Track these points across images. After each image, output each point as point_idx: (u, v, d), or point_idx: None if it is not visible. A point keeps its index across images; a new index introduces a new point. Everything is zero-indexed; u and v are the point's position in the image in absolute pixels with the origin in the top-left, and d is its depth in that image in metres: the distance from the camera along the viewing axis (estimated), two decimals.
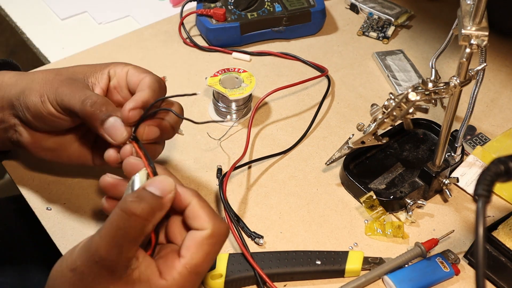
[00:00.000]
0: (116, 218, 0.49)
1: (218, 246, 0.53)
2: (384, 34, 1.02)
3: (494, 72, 0.96)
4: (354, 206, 0.77)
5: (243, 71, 0.86)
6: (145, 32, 1.01)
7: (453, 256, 0.70)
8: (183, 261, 0.51)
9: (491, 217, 0.75)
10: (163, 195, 0.51)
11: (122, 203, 0.49)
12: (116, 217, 0.49)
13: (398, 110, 0.65)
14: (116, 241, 0.49)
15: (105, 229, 0.49)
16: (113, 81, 0.64)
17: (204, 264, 0.52)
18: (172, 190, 0.52)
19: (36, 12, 1.05)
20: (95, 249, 0.49)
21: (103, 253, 0.49)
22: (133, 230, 0.49)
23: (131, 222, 0.49)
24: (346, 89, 0.93)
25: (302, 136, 0.84)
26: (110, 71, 0.64)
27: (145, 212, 0.49)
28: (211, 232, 0.52)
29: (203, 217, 0.52)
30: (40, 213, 0.74)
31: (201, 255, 0.51)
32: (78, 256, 0.51)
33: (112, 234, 0.49)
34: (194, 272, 0.51)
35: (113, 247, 0.49)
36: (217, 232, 0.52)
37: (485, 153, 0.81)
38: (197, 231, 0.52)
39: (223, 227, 0.53)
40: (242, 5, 0.98)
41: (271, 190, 0.78)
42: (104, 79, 0.63)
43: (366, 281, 0.68)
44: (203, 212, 0.52)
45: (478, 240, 0.44)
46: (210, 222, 0.52)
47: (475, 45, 0.63)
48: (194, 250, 0.51)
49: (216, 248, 0.53)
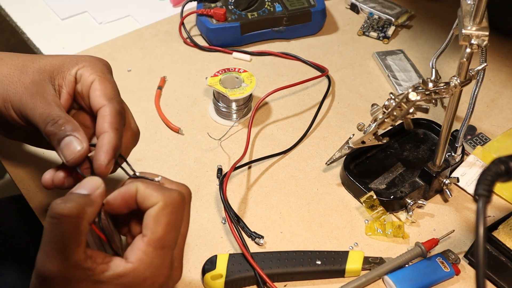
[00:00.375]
0: (48, 226, 0.48)
1: (177, 214, 0.52)
2: (385, 34, 1.02)
3: (494, 72, 0.96)
4: (354, 206, 0.77)
5: (243, 71, 0.86)
6: (146, 32, 1.01)
7: (454, 256, 0.70)
8: (145, 239, 0.50)
9: (492, 217, 0.75)
10: (90, 192, 0.51)
11: (49, 210, 0.48)
12: (48, 225, 0.48)
13: (398, 110, 0.65)
14: (55, 248, 0.48)
15: (42, 243, 0.48)
16: (78, 87, 0.60)
17: (168, 236, 0.51)
18: (100, 185, 0.51)
19: (36, 12, 1.05)
20: (41, 266, 0.48)
21: (50, 266, 0.48)
22: (68, 231, 0.48)
23: (62, 224, 0.48)
24: (346, 89, 0.93)
25: (303, 136, 0.84)
26: (78, 72, 0.59)
27: (74, 210, 0.48)
28: (163, 203, 0.51)
29: (150, 194, 0.51)
30: (40, 213, 0.74)
31: (161, 228, 0.51)
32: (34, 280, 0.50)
33: (49, 242, 0.48)
34: (159, 246, 0.51)
35: (55, 255, 0.48)
36: (170, 200, 0.51)
37: (485, 153, 0.81)
38: (150, 208, 0.51)
39: (174, 194, 0.52)
40: (243, 5, 0.98)
41: (271, 190, 0.78)
42: (70, 82, 0.59)
43: (366, 281, 0.68)
44: (149, 190, 0.52)
45: (479, 240, 0.44)
46: (159, 194, 0.51)
47: (476, 45, 0.63)
48: (152, 225, 0.50)
49: (175, 217, 0.52)
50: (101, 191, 0.52)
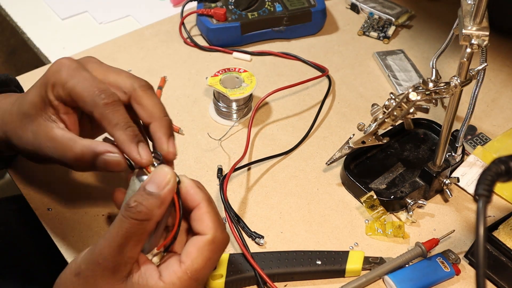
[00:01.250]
0: (119, 223, 0.51)
1: (219, 253, 0.53)
2: (385, 34, 1.02)
3: (494, 72, 0.96)
4: (354, 206, 0.77)
5: (243, 71, 0.86)
6: (146, 32, 1.01)
7: (454, 256, 0.70)
8: (183, 266, 0.52)
9: (492, 217, 0.75)
10: (160, 190, 0.51)
11: (123, 209, 0.51)
12: (119, 222, 0.51)
13: (398, 110, 0.65)
14: (118, 242, 0.50)
15: (109, 233, 0.51)
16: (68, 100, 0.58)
17: (205, 270, 0.52)
18: (170, 181, 0.52)
19: (36, 12, 1.05)
20: (99, 251, 0.51)
21: (106, 254, 0.50)
22: (135, 231, 0.50)
23: (132, 225, 0.50)
24: (346, 89, 0.93)
25: (304, 137, 0.84)
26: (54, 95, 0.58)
27: (144, 215, 0.50)
28: (212, 237, 0.52)
29: (207, 222, 0.53)
30: (41, 214, 0.74)
31: (201, 261, 0.52)
32: (82, 260, 0.52)
33: (115, 237, 0.50)
34: (194, 278, 0.52)
35: (116, 247, 0.50)
36: (219, 239, 0.53)
37: (485, 153, 0.81)
38: (199, 237, 0.53)
39: (225, 235, 0.53)
40: (243, 5, 0.98)
41: (271, 190, 0.78)
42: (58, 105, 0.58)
43: (366, 281, 0.68)
44: (208, 217, 0.53)
45: (479, 240, 0.44)
46: (213, 227, 0.53)
47: (476, 45, 0.62)
48: (194, 255, 0.52)
49: (216, 255, 0.53)
50: (170, 187, 0.52)
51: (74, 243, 0.71)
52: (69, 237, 0.72)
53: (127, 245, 0.50)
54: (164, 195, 0.52)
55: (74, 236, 0.72)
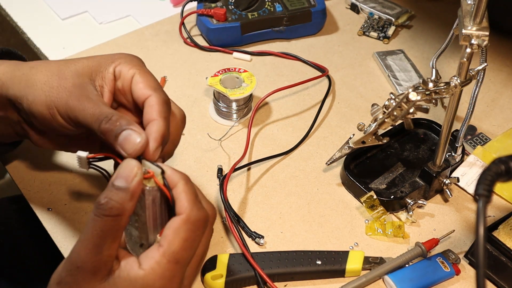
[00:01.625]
0: (91, 222, 0.50)
1: (197, 232, 0.52)
2: (385, 34, 1.02)
3: (494, 72, 0.96)
4: (354, 206, 0.77)
5: (243, 71, 0.86)
6: (146, 32, 1.01)
7: (454, 256, 0.70)
8: (161, 250, 0.51)
9: (492, 217, 0.75)
10: (128, 184, 0.50)
11: (94, 207, 0.50)
12: (91, 222, 0.50)
13: (398, 110, 0.65)
14: (93, 242, 0.49)
15: (83, 235, 0.50)
16: (119, 83, 0.60)
17: (183, 252, 0.51)
18: (137, 174, 0.51)
19: (36, 12, 1.05)
20: (76, 255, 0.50)
21: (84, 256, 0.49)
22: (110, 229, 0.50)
23: (104, 222, 0.49)
24: (346, 89, 0.93)
25: (304, 137, 0.84)
26: (116, 69, 0.60)
27: (116, 210, 0.50)
28: (187, 217, 0.51)
29: (183, 201, 0.51)
30: (41, 214, 0.74)
31: (178, 242, 0.51)
32: (62, 269, 0.51)
33: (90, 238, 0.50)
34: (173, 260, 0.51)
35: (92, 248, 0.49)
36: (195, 217, 0.51)
37: (485, 153, 0.81)
38: (174, 218, 0.52)
39: (202, 213, 0.52)
40: (243, 5, 0.98)
41: (271, 190, 0.78)
42: (110, 80, 0.60)
43: (366, 281, 0.68)
44: (184, 196, 0.52)
45: (479, 240, 0.44)
46: (188, 207, 0.51)
47: (476, 45, 0.63)
48: (171, 237, 0.51)
49: (195, 234, 0.52)
50: (138, 179, 0.51)
51: (74, 243, 0.71)
52: (69, 237, 0.72)
53: (104, 244, 0.50)
54: (133, 187, 0.50)
55: (74, 236, 0.72)
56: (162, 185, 0.52)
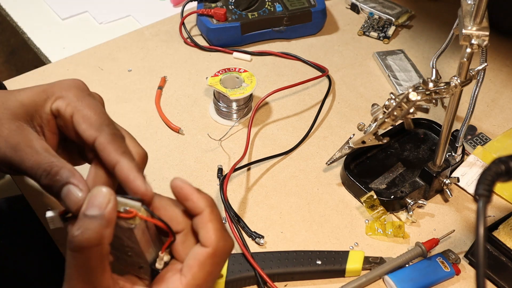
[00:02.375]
0: (72, 259, 0.47)
1: (221, 265, 0.51)
2: (385, 34, 1.02)
3: (494, 72, 0.96)
4: (354, 206, 0.77)
5: (243, 71, 0.86)
6: (146, 32, 1.01)
7: (454, 256, 0.70)
8: (184, 281, 0.49)
9: (492, 217, 0.75)
10: (102, 211, 0.47)
11: (69, 242, 0.47)
12: (71, 258, 0.47)
13: (398, 110, 0.65)
14: (82, 280, 0.47)
15: (67, 275, 0.47)
16: (59, 122, 0.54)
17: (206, 284, 0.50)
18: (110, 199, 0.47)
19: (36, 12, 1.05)
20: None
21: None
22: (92, 261, 0.46)
23: (85, 256, 0.46)
24: (346, 89, 0.93)
25: (304, 137, 0.84)
26: (52, 108, 0.54)
27: (93, 241, 0.46)
28: (214, 251, 0.49)
29: (210, 233, 0.49)
30: (41, 214, 0.74)
31: (203, 275, 0.49)
32: None
33: (75, 275, 0.47)
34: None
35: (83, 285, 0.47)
36: (221, 250, 0.50)
37: (485, 153, 0.81)
38: (200, 248, 0.49)
39: (227, 245, 0.50)
40: (243, 5, 0.98)
41: (271, 190, 0.78)
42: (48, 121, 0.54)
43: (366, 281, 0.68)
44: (210, 227, 0.49)
45: (479, 240, 0.44)
46: (215, 240, 0.49)
47: (476, 45, 0.62)
48: (196, 270, 0.49)
49: (219, 268, 0.50)
50: (112, 205, 0.48)
51: None
52: None
53: (95, 279, 0.47)
54: (108, 214, 0.47)
55: None
56: (149, 219, 0.49)
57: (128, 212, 0.49)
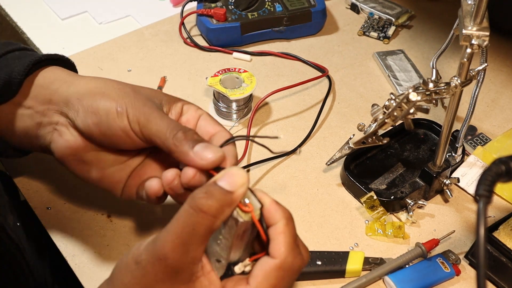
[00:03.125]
0: (184, 214, 0.47)
1: (288, 279, 0.49)
2: (385, 34, 1.02)
3: (495, 72, 0.96)
4: (354, 206, 0.77)
5: (243, 71, 0.86)
6: (146, 32, 1.01)
7: (454, 256, 0.70)
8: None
9: (492, 217, 0.75)
10: (233, 189, 0.48)
11: (190, 199, 0.47)
12: (184, 213, 0.47)
13: (399, 110, 0.65)
14: (182, 238, 0.47)
15: (171, 225, 0.48)
16: (184, 118, 0.60)
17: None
18: (244, 184, 0.48)
19: (36, 12, 1.05)
20: (161, 246, 0.47)
21: (168, 251, 0.47)
22: (201, 227, 0.47)
23: (199, 219, 0.47)
24: (346, 89, 0.93)
25: (306, 138, 0.84)
26: (184, 106, 0.60)
27: (213, 209, 0.47)
28: (281, 263, 0.49)
29: (280, 245, 0.49)
30: (40, 213, 0.74)
31: (267, 286, 0.49)
32: (144, 250, 0.49)
33: (178, 231, 0.47)
34: None
35: (179, 245, 0.47)
36: (288, 265, 0.49)
37: (486, 153, 0.81)
38: (268, 259, 0.49)
39: (297, 261, 0.50)
40: (243, 5, 0.98)
41: (271, 191, 0.78)
42: (177, 112, 0.60)
43: (366, 281, 0.68)
44: (282, 239, 0.49)
45: (479, 240, 0.44)
46: (284, 252, 0.49)
47: (476, 45, 0.62)
48: (260, 280, 0.49)
49: (284, 283, 0.49)
50: (243, 190, 0.49)
51: (73, 242, 0.71)
52: (68, 236, 0.71)
53: (192, 244, 0.47)
54: (237, 196, 0.48)
55: (74, 235, 0.72)
56: (257, 223, 0.49)
57: (246, 205, 0.49)
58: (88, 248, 0.70)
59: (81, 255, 0.70)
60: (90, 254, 0.70)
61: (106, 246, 0.71)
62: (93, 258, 0.70)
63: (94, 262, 0.69)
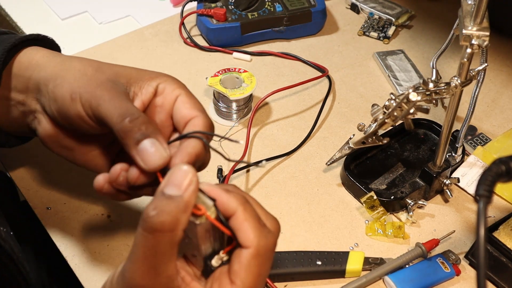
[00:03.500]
0: (141, 239, 0.44)
1: (267, 263, 0.48)
2: (385, 34, 1.02)
3: (495, 72, 0.96)
4: (354, 206, 0.77)
5: (243, 71, 0.86)
6: (146, 32, 1.01)
7: (454, 256, 0.70)
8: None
9: (492, 217, 0.75)
10: (181, 192, 0.44)
11: (142, 221, 0.44)
12: (141, 237, 0.44)
13: (399, 110, 0.65)
14: (148, 263, 0.44)
15: (132, 254, 0.45)
16: (158, 99, 0.55)
17: (257, 286, 0.47)
18: (192, 181, 0.45)
19: (36, 12, 1.05)
20: (130, 278, 0.45)
21: (140, 280, 0.45)
22: (162, 246, 0.44)
23: (157, 239, 0.44)
24: (346, 89, 0.93)
25: (306, 138, 0.84)
26: (159, 85, 0.55)
27: (168, 224, 0.43)
28: (255, 251, 0.46)
29: (247, 232, 0.46)
30: (40, 213, 0.74)
31: (251, 278, 0.46)
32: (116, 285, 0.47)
33: (141, 258, 0.44)
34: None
35: (147, 270, 0.44)
36: (263, 249, 0.47)
37: (486, 153, 0.81)
38: (242, 251, 0.47)
39: (269, 241, 0.47)
40: (243, 5, 0.98)
41: (271, 191, 0.78)
42: (149, 93, 0.55)
43: (366, 281, 0.68)
44: (247, 226, 0.46)
45: (479, 240, 0.44)
46: (255, 238, 0.46)
47: (476, 45, 0.62)
48: (243, 275, 0.46)
49: (265, 267, 0.47)
50: (193, 188, 0.45)
51: (73, 243, 0.71)
52: (68, 236, 0.71)
53: (161, 265, 0.44)
54: (188, 197, 0.44)
55: (73, 235, 0.72)
56: (215, 221, 0.46)
57: (197, 208, 0.46)
58: (88, 248, 0.70)
59: (81, 255, 0.70)
60: (90, 254, 0.70)
61: (106, 246, 0.71)
62: (93, 258, 0.70)
63: (94, 262, 0.69)
